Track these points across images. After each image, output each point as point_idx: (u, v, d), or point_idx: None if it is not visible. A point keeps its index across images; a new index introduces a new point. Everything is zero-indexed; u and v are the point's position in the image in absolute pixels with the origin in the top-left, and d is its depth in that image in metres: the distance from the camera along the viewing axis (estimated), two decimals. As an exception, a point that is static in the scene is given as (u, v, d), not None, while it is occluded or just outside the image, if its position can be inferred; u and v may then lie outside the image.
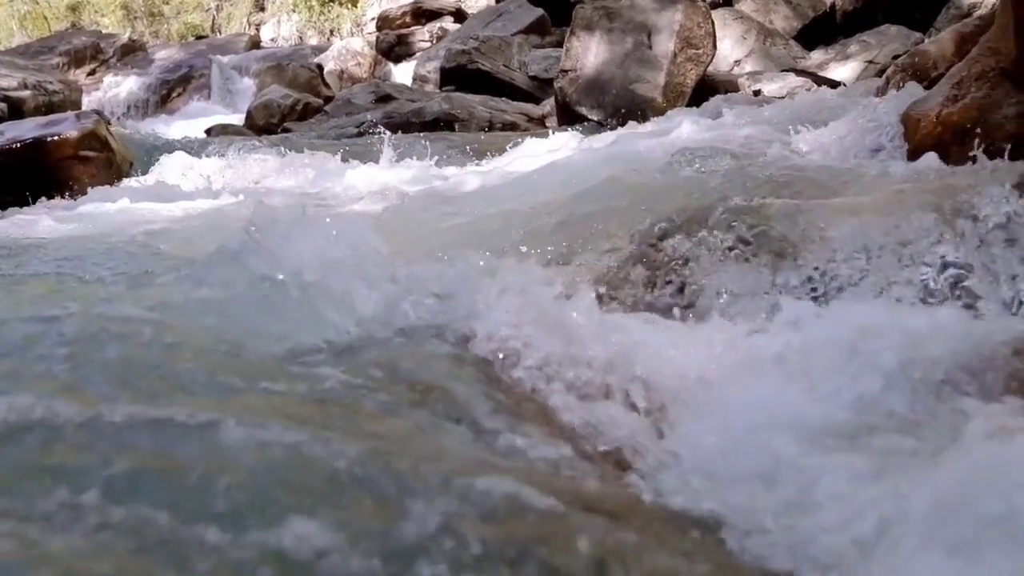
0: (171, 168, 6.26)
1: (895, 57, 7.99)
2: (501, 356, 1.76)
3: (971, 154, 2.91)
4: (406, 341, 1.79)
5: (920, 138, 3.31)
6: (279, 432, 1.18)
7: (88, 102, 15.11)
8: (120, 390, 1.36)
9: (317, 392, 1.47)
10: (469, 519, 1.05)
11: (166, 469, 1.11)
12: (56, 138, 5.79)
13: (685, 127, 5.25)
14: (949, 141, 3.16)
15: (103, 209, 4.61)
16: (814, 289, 2.43)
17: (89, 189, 5.51)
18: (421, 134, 7.95)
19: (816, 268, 2.45)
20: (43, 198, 5.32)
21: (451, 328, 1.83)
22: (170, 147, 6.83)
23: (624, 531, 1.13)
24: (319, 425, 1.25)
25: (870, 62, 10.74)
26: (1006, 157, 2.73)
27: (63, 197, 5.40)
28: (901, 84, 4.28)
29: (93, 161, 5.89)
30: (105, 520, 0.97)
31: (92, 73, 17.54)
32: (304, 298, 1.92)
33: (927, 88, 3.53)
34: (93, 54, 17.99)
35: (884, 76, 5.89)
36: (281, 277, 1.93)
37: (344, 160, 6.34)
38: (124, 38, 19.24)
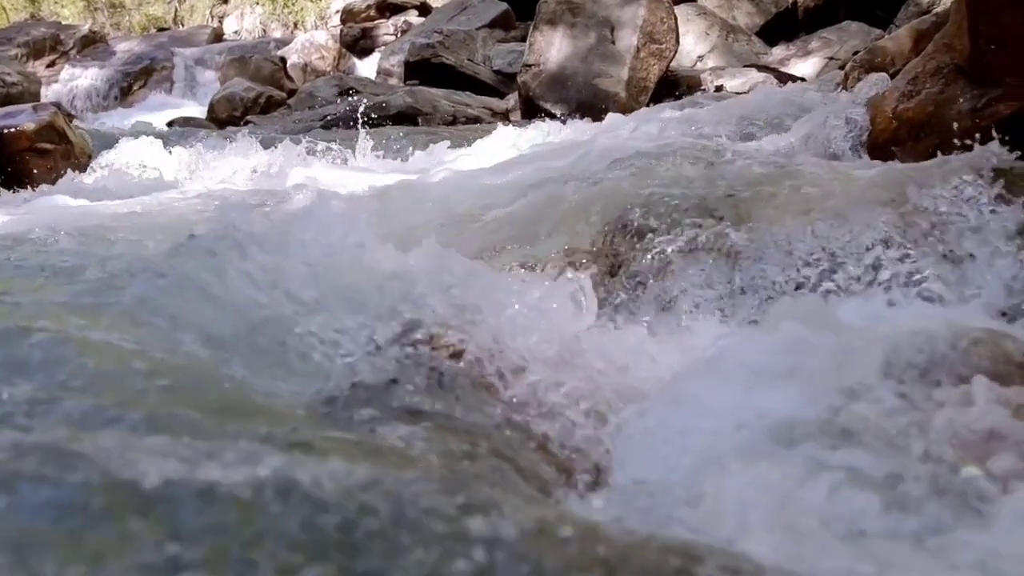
0: (131, 161, 6.19)
1: (855, 53, 8.06)
2: (526, 393, 1.67)
3: (927, 149, 2.95)
4: (423, 372, 1.65)
5: (877, 134, 3.34)
6: (354, 485, 1.03)
7: (47, 94, 14.92)
8: (129, 433, 1.20)
9: (366, 440, 1.36)
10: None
11: (255, 534, 0.94)
12: (12, 130, 5.70)
13: (648, 125, 5.25)
14: (905, 137, 3.19)
15: (60, 204, 4.55)
16: (775, 292, 2.45)
17: (46, 183, 5.46)
18: (385, 128, 7.92)
19: (778, 271, 2.46)
20: (-2, 191, 5.26)
21: (466, 352, 1.71)
22: (130, 140, 6.73)
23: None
24: (397, 478, 1.10)
25: (831, 58, 10.83)
26: (961, 152, 2.75)
27: (19, 190, 5.33)
28: (859, 80, 4.32)
29: (51, 154, 5.81)
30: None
31: (51, 65, 17.30)
32: (297, 315, 1.75)
33: (886, 84, 3.57)
34: (52, 45, 17.73)
35: (844, 72, 5.94)
36: (268, 288, 1.78)
37: (311, 153, 6.31)
38: (84, 30, 18.98)
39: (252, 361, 1.63)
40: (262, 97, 12.07)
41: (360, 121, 7.09)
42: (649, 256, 2.60)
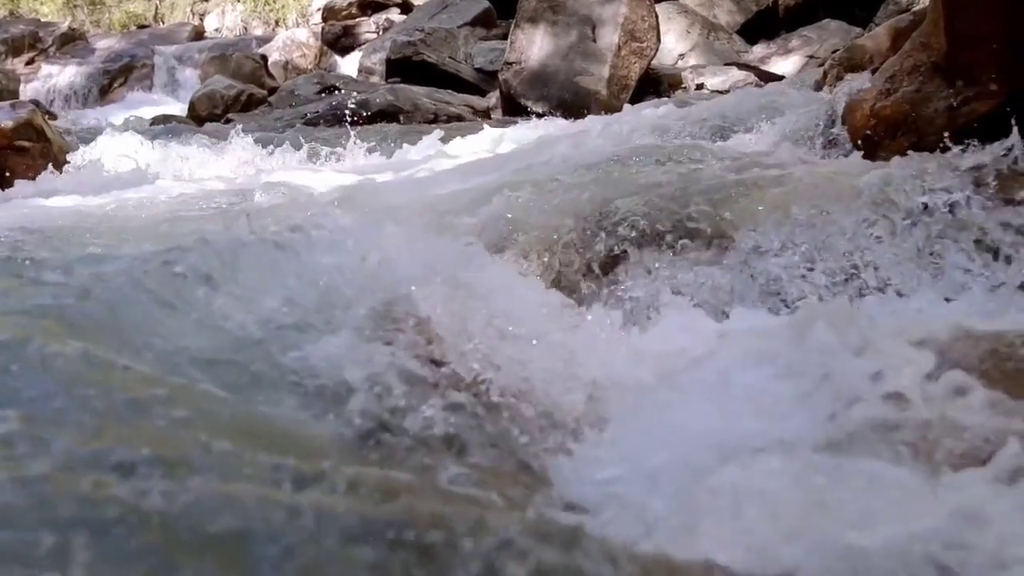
0: (112, 160, 6.14)
1: (834, 52, 8.10)
2: (561, 439, 1.61)
3: (904, 148, 2.97)
4: (449, 404, 1.56)
5: (854, 132, 3.36)
6: (441, 530, 1.00)
7: (26, 92, 14.83)
8: (166, 473, 1.08)
9: (425, 481, 1.29)
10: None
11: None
12: (-10, 128, 5.68)
13: (627, 125, 5.23)
14: (883, 134, 3.20)
15: (38, 203, 4.51)
16: (753, 292, 2.45)
17: (24, 180, 5.42)
18: (366, 125, 7.89)
19: (756, 272, 2.47)
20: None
21: (492, 389, 1.65)
22: (111, 138, 6.69)
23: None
24: (487, 522, 1.07)
25: (811, 56, 10.91)
26: (937, 150, 2.77)
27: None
28: (838, 78, 4.34)
29: (28, 152, 5.77)
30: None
31: (30, 62, 17.17)
32: (304, 335, 1.65)
33: (865, 83, 3.57)
34: (31, 43, 17.61)
35: (823, 70, 5.97)
36: (267, 304, 1.68)
37: (293, 152, 6.30)
38: (64, 27, 18.85)
39: (266, 388, 1.52)
40: (243, 95, 12.01)
41: (343, 119, 7.08)
42: (624, 282, 2.58)
